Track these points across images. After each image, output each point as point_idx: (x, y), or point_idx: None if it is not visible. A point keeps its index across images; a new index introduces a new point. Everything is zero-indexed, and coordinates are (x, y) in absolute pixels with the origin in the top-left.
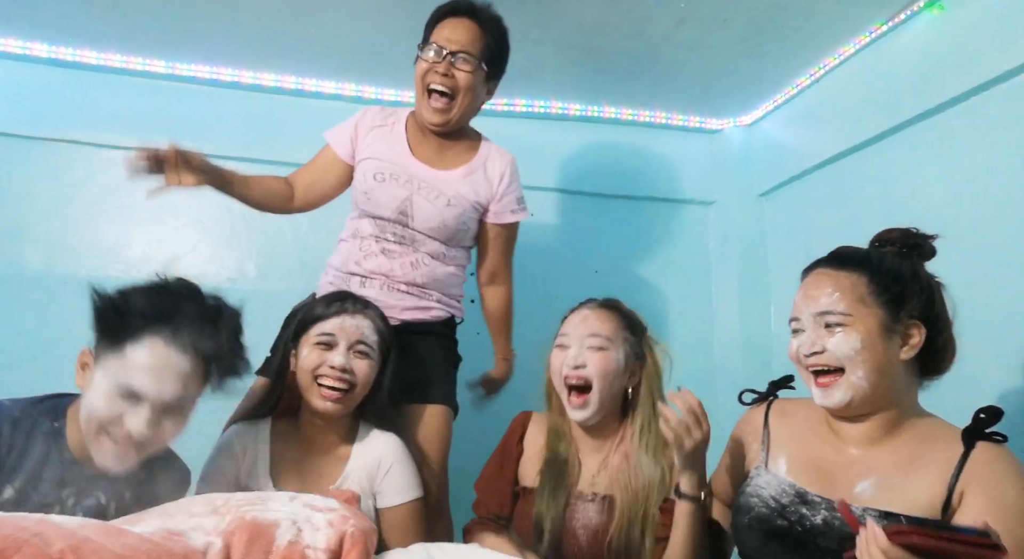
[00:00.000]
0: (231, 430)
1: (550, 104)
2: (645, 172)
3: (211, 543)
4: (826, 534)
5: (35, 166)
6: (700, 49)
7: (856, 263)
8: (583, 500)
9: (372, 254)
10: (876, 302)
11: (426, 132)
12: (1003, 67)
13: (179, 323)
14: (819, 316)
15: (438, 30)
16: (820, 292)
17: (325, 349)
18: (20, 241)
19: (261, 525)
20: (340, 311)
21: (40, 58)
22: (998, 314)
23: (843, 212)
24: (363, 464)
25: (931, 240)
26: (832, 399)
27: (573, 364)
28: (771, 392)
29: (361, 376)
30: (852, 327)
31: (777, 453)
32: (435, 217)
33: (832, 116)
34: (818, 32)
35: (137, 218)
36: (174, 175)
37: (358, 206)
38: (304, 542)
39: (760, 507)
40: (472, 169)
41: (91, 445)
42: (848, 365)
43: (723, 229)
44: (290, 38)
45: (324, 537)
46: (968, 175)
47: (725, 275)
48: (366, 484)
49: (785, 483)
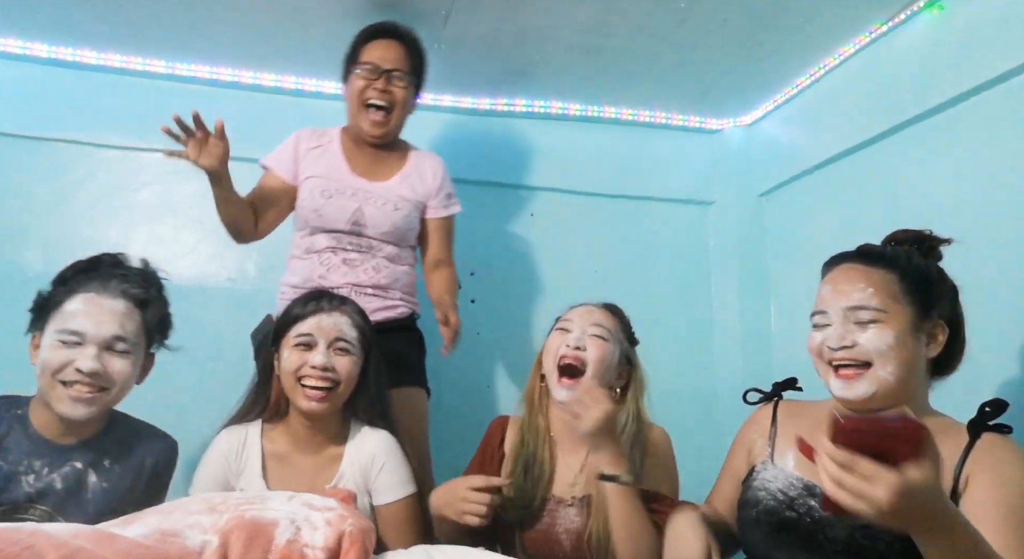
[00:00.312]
0: (221, 434)
1: (550, 104)
2: (645, 172)
3: (208, 541)
4: (834, 525)
5: (35, 166)
6: (700, 49)
7: (887, 261)
8: (564, 505)
9: (334, 266)
10: (907, 300)
11: (361, 146)
12: (1003, 67)
13: (107, 277)
14: (851, 311)
15: (369, 50)
16: (852, 287)
17: (305, 350)
18: (20, 241)
19: (260, 524)
20: (316, 310)
21: (40, 58)
22: (999, 314)
23: (843, 212)
24: (357, 462)
25: (944, 244)
26: (856, 391)
27: (574, 345)
28: (776, 393)
29: (344, 373)
30: (886, 323)
31: (784, 449)
32: (386, 222)
33: (832, 116)
34: (818, 32)
35: (137, 218)
36: (195, 149)
37: (308, 224)
38: (303, 541)
39: (768, 500)
40: (406, 174)
41: (51, 399)
42: (878, 360)
43: (723, 229)
44: (290, 38)
45: (322, 536)
46: (968, 175)
47: (725, 275)
48: (361, 482)
49: (792, 477)
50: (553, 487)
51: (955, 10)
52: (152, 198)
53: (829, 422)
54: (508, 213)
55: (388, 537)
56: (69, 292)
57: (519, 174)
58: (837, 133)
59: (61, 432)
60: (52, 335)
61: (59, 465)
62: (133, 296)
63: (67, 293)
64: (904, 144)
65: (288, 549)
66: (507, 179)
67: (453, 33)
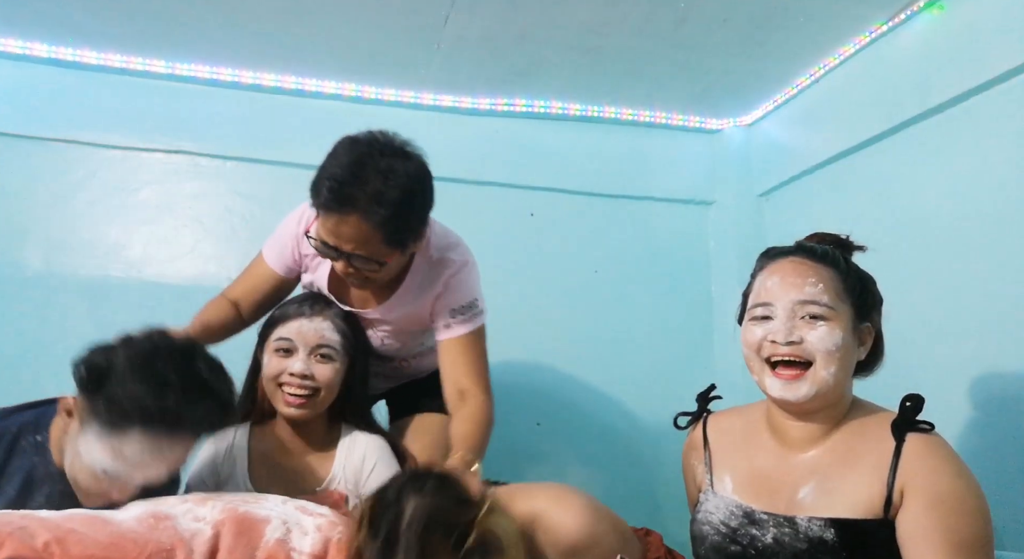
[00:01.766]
0: (208, 439)
1: (550, 104)
2: (645, 172)
3: (200, 530)
4: (778, 554)
5: (35, 166)
6: (700, 49)
7: (829, 259)
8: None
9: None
10: (849, 301)
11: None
12: (1003, 67)
13: (168, 417)
14: (800, 305)
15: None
16: (803, 280)
17: (284, 355)
18: (20, 241)
19: (252, 520)
20: (298, 314)
21: (40, 58)
22: (999, 314)
23: (843, 212)
24: (348, 465)
25: (858, 250)
26: (799, 392)
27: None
28: (703, 408)
29: (323, 380)
30: (834, 322)
31: (721, 472)
32: (393, 347)
33: (832, 116)
34: (818, 32)
35: (137, 218)
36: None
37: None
38: (291, 543)
39: (712, 535)
40: (406, 289)
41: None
42: (821, 360)
43: (723, 229)
44: (290, 38)
45: (310, 541)
46: (968, 175)
47: (725, 275)
48: (352, 485)
49: (732, 504)
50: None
51: (955, 10)
52: (152, 198)
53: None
54: (508, 213)
55: None
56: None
57: (519, 174)
58: (837, 133)
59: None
60: (94, 461)
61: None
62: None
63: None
64: (904, 144)
65: (276, 548)
66: (507, 179)
67: (453, 33)
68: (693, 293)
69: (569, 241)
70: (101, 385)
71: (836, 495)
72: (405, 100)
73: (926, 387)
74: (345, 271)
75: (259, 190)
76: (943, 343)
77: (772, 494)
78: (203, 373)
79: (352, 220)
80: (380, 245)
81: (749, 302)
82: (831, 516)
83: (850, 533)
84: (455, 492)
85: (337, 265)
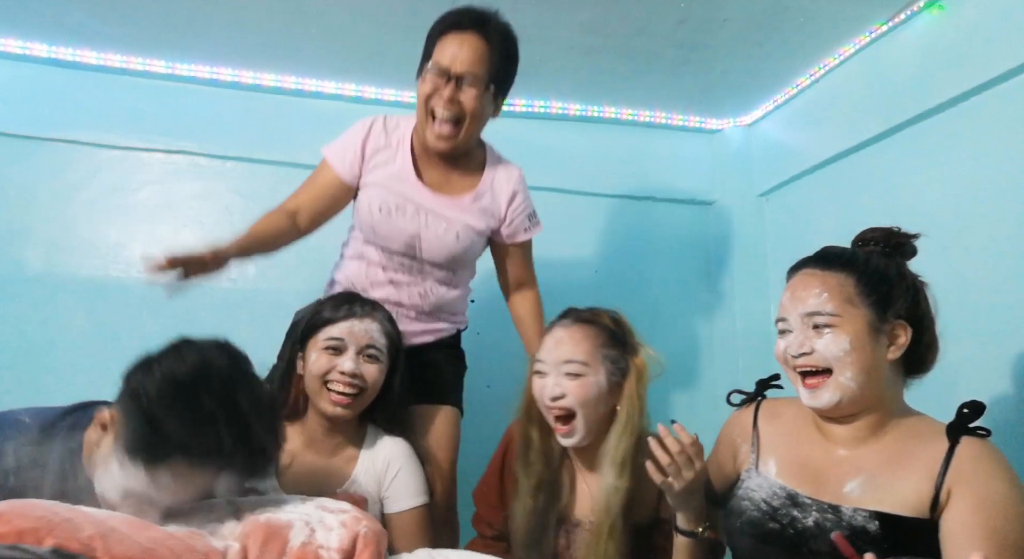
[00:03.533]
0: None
1: (550, 104)
2: (645, 172)
3: (230, 546)
4: (818, 536)
5: (35, 166)
6: (700, 49)
7: (843, 263)
8: (583, 528)
9: (380, 283)
10: (864, 302)
11: (431, 153)
12: (1003, 67)
13: (206, 451)
14: (807, 317)
15: (441, 46)
16: (808, 293)
17: (334, 354)
18: (20, 241)
19: (275, 526)
20: (349, 315)
21: (40, 58)
22: (998, 313)
23: (843, 212)
24: (371, 468)
25: (913, 239)
26: (821, 400)
27: (551, 395)
28: (759, 392)
29: (371, 380)
30: (841, 328)
31: (767, 455)
32: (444, 251)
33: (832, 116)
34: (818, 32)
35: (137, 218)
36: (196, 270)
37: (363, 231)
38: (317, 542)
39: (752, 510)
40: (479, 194)
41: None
42: (836, 366)
43: (723, 229)
44: (290, 38)
45: (337, 537)
46: (968, 175)
47: (725, 275)
48: (373, 488)
49: (776, 485)
50: (576, 510)
51: (955, 10)
52: (152, 198)
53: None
54: None
55: (397, 545)
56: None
57: None
58: (837, 133)
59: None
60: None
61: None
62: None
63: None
64: (904, 144)
65: (303, 551)
66: None
67: None
68: (693, 293)
69: (569, 241)
70: (141, 406)
71: (884, 491)
72: (405, 100)
73: (926, 386)
74: (452, 97)
75: (259, 190)
76: (943, 343)
77: (817, 484)
78: (243, 407)
79: (471, 39)
80: (489, 67)
81: (776, 316)
82: (877, 509)
83: (893, 527)
84: None
85: (444, 91)
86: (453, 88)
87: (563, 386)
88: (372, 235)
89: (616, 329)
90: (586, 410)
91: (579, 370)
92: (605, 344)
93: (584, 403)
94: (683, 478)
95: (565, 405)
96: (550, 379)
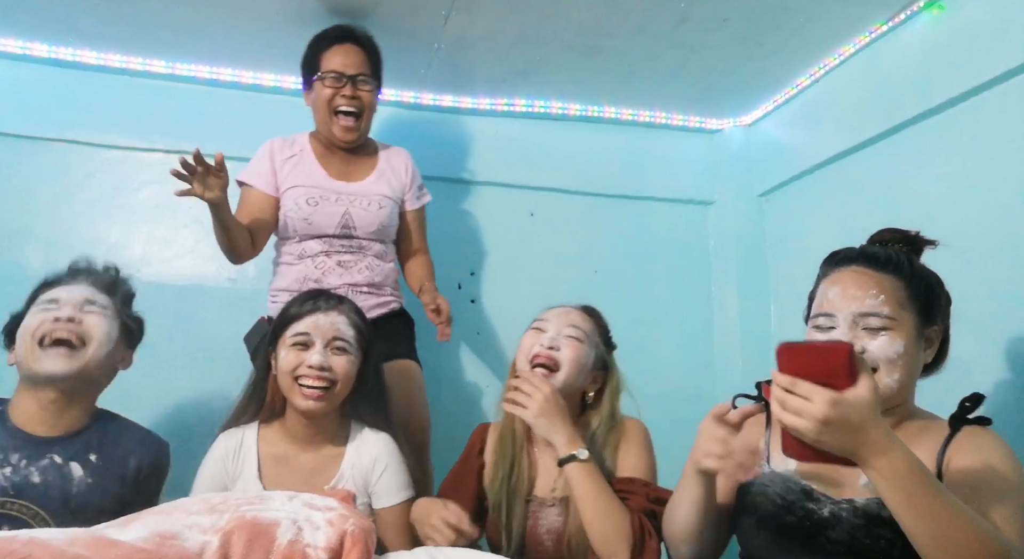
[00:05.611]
0: (219, 438)
1: (550, 104)
2: (645, 172)
3: (208, 542)
4: (835, 526)
5: (35, 166)
6: (700, 49)
7: (894, 266)
8: (545, 505)
9: (330, 269)
10: (912, 307)
11: (332, 150)
12: (1003, 67)
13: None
14: (860, 317)
15: (329, 57)
16: (864, 292)
17: (302, 349)
18: (20, 241)
19: (261, 524)
20: (313, 309)
21: (40, 58)
22: (997, 313)
23: (843, 212)
24: (358, 464)
25: (930, 246)
26: None
27: (548, 344)
28: (762, 397)
29: (341, 373)
30: (896, 331)
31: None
32: (374, 221)
33: (832, 116)
34: (818, 32)
35: (137, 218)
36: (200, 185)
37: (297, 232)
38: (304, 541)
39: (767, 505)
40: (381, 171)
41: (32, 360)
42: (886, 367)
43: (723, 229)
44: (290, 38)
45: (324, 536)
46: (968, 175)
47: (725, 275)
48: (360, 484)
49: (790, 480)
50: (536, 488)
51: (955, 10)
52: (152, 198)
53: (776, 353)
54: (508, 213)
55: (387, 540)
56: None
57: (519, 174)
58: (837, 133)
59: (42, 425)
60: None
61: (37, 458)
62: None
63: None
64: (904, 144)
65: (290, 549)
66: (507, 179)
67: (453, 33)
68: (693, 293)
69: (569, 241)
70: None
71: None
72: (405, 100)
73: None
74: (352, 94)
75: None
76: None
77: (832, 483)
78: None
79: (353, 47)
80: (371, 67)
81: (812, 310)
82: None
83: None
84: None
85: (344, 91)
86: (351, 87)
87: (561, 342)
88: (307, 227)
89: (607, 333)
90: (572, 369)
91: (578, 335)
92: (598, 335)
93: (574, 361)
94: (534, 400)
95: (556, 357)
96: (550, 333)
